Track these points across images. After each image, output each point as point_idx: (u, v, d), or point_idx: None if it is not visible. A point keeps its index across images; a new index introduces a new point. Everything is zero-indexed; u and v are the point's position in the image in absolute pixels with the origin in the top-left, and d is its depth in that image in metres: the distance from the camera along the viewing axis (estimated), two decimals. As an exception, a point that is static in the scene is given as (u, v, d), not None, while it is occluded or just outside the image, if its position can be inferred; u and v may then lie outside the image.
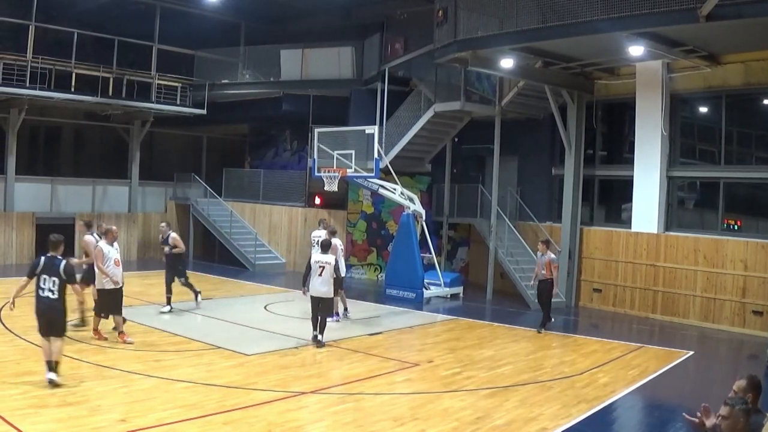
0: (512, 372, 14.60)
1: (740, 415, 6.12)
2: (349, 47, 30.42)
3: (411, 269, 24.09)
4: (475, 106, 25.65)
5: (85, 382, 12.10)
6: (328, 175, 24.71)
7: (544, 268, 19.31)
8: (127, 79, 29.94)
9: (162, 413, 10.64)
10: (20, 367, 12.89)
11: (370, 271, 29.56)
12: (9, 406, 10.53)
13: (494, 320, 21.26)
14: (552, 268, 19.28)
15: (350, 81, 30.21)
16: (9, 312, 13.45)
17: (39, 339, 12.06)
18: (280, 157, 35.02)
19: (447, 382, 13.63)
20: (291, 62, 31.46)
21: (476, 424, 10.96)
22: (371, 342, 17.17)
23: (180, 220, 34.41)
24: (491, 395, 12.67)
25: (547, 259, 19.26)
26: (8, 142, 29.00)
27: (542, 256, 19.37)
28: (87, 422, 10.02)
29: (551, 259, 19.36)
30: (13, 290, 12.61)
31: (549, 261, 19.25)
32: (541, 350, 17.09)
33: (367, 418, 11.15)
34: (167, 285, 19.46)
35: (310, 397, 12.11)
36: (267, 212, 32.87)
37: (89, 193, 32.29)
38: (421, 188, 28.79)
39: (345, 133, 25.83)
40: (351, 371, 14.17)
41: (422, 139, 27.48)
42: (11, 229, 28.88)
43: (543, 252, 19.36)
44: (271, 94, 32.23)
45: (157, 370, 13.23)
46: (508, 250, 25.15)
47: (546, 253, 19.30)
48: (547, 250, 19.38)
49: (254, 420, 10.66)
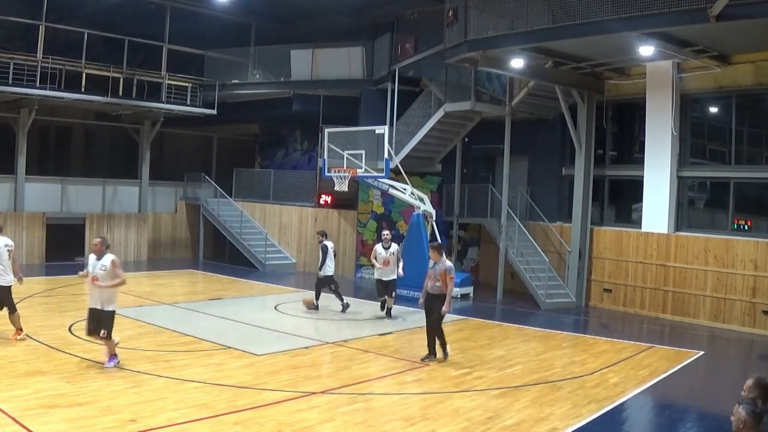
0: (522, 372, 14.59)
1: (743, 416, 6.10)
2: (359, 47, 30.43)
3: (421, 269, 24.02)
4: (485, 106, 25.63)
5: (95, 382, 12.14)
6: (338, 175, 24.73)
7: (438, 279, 15.12)
8: (137, 79, 30.01)
9: (172, 413, 10.67)
10: (30, 367, 12.93)
11: (380, 271, 29.47)
12: (19, 406, 10.56)
13: (504, 320, 21.25)
14: (447, 279, 15.00)
15: (360, 81, 30.22)
16: (20, 312, 13.48)
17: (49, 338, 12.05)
18: (291, 157, 35.03)
19: (457, 382, 13.63)
20: (301, 62, 31.48)
21: (486, 424, 10.95)
22: (381, 342, 17.20)
23: (190, 220, 34.50)
24: (501, 395, 12.67)
25: (442, 268, 15.05)
26: (18, 142, 29.08)
27: (435, 265, 15.23)
28: (97, 422, 10.04)
29: (447, 268, 15.04)
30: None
31: (444, 271, 15.01)
32: (551, 350, 17.04)
33: (377, 418, 11.16)
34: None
35: (321, 397, 12.12)
36: (277, 212, 32.93)
37: (99, 193, 32.35)
38: (432, 188, 28.76)
39: (355, 133, 25.86)
40: (361, 371, 14.19)
41: (432, 139, 27.48)
42: (21, 229, 28.94)
43: (436, 260, 15.29)
44: (281, 94, 32.27)
45: (168, 370, 13.26)
46: (519, 250, 25.11)
47: (440, 261, 15.19)
48: (440, 257, 15.30)
49: (264, 420, 10.68)
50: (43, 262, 28.97)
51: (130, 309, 19.53)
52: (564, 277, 24.66)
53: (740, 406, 6.15)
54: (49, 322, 17.37)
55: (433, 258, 15.48)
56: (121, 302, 20.07)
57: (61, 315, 18.31)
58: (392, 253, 20.23)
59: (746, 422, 6.06)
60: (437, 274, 15.20)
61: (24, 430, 9.66)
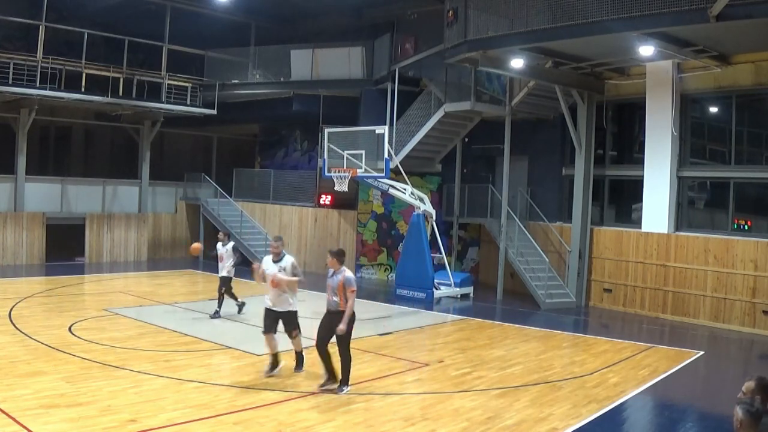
0: (523, 372, 14.60)
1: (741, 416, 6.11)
2: (359, 47, 30.42)
3: (421, 269, 24.11)
4: (485, 107, 25.64)
5: (95, 382, 12.15)
6: (338, 175, 24.72)
7: (335, 293, 12.60)
8: (137, 79, 30.03)
9: (172, 413, 10.69)
10: (31, 367, 12.95)
11: (381, 271, 29.57)
12: (20, 406, 10.58)
13: (504, 320, 21.25)
14: (347, 293, 12.46)
15: (360, 81, 30.22)
16: (20, 313, 13.48)
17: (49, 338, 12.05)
18: (291, 157, 35.04)
19: (457, 382, 13.64)
20: (301, 62, 31.50)
21: (487, 424, 10.97)
22: (381, 342, 17.19)
23: (190, 221, 34.50)
24: (502, 395, 12.68)
25: (340, 280, 12.54)
26: (18, 142, 29.09)
27: (334, 275, 12.71)
28: (97, 422, 10.07)
29: (346, 280, 12.51)
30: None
31: (342, 283, 12.50)
32: (551, 350, 17.04)
33: (377, 418, 11.17)
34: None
35: (321, 397, 12.14)
36: (277, 212, 32.94)
37: (99, 193, 32.34)
38: (432, 188, 28.79)
39: (355, 133, 25.83)
40: (361, 371, 14.14)
41: (432, 139, 27.48)
42: (21, 229, 28.96)
43: (334, 269, 12.76)
44: (281, 94, 32.26)
45: (168, 370, 13.27)
46: (519, 250, 25.13)
47: (339, 271, 12.68)
48: (339, 266, 12.75)
49: (265, 420, 10.70)
50: (44, 262, 28.99)
51: (130, 309, 19.55)
52: (564, 277, 24.66)
53: (738, 407, 6.16)
54: (50, 322, 17.37)
55: (331, 266, 12.82)
56: (122, 302, 20.26)
57: (61, 315, 18.31)
58: (283, 269, 13.35)
59: (743, 422, 6.06)
60: (335, 287, 12.58)
61: (24, 430, 9.67)
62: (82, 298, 22.69)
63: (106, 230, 31.43)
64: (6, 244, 28.61)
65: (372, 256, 29.68)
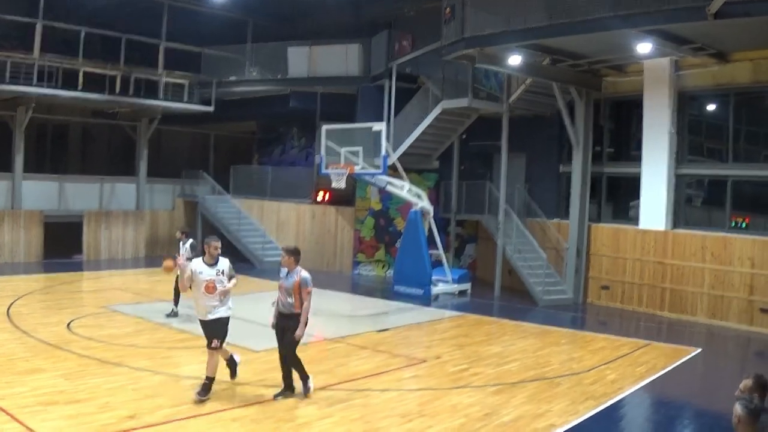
0: (520, 368, 14.62)
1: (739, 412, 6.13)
2: (356, 44, 30.43)
3: (419, 266, 24.12)
4: (482, 103, 25.67)
5: (93, 379, 12.16)
6: (335, 172, 24.74)
7: (290, 294, 11.84)
8: (134, 76, 30.00)
9: (170, 410, 10.72)
10: (29, 365, 12.97)
11: (378, 267, 29.56)
12: (18, 404, 10.61)
13: (502, 316, 21.25)
14: (303, 294, 11.81)
15: (358, 78, 30.24)
16: (19, 310, 13.47)
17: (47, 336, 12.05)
18: (288, 154, 35.03)
19: (455, 378, 13.66)
20: (298, 59, 31.53)
21: (484, 420, 10.99)
22: (379, 338, 17.25)
23: (188, 218, 34.48)
24: (499, 392, 12.70)
25: (295, 281, 11.82)
26: (15, 140, 29.08)
27: (288, 276, 11.95)
28: (96, 419, 10.11)
29: (302, 280, 11.83)
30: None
31: (298, 284, 11.79)
32: (548, 347, 17.06)
33: (374, 414, 11.20)
34: None
35: (318, 393, 12.14)
36: (275, 209, 32.91)
37: (97, 191, 32.33)
38: (429, 185, 28.75)
39: (352, 130, 25.80)
40: (358, 368, 14.23)
41: (430, 136, 27.45)
42: (19, 227, 28.95)
43: (289, 268, 12.00)
44: (278, 91, 32.27)
45: (166, 366, 13.30)
46: (516, 247, 25.13)
47: (293, 271, 11.95)
48: (295, 265, 12.03)
49: (262, 416, 10.75)
50: (41, 259, 28.98)
51: (127, 306, 19.57)
52: (562, 273, 24.65)
53: (737, 404, 6.18)
54: (48, 319, 17.38)
55: (286, 265, 12.04)
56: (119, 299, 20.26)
57: (59, 312, 18.32)
58: (221, 272, 11.95)
59: (742, 419, 6.09)
60: (289, 288, 11.83)
61: (22, 427, 9.69)
62: (80, 296, 22.70)
63: (103, 227, 31.43)
64: (3, 241, 28.60)
65: (369, 253, 29.68)
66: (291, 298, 11.77)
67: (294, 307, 11.75)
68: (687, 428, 11.94)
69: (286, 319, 11.86)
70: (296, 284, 11.73)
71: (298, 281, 11.74)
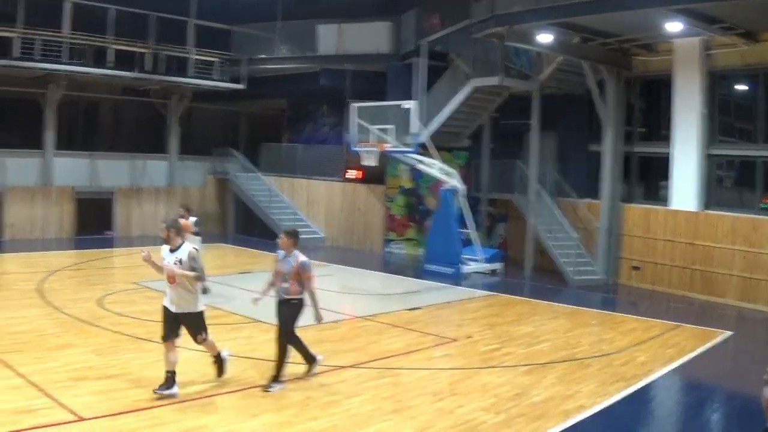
0: (550, 349, 14.60)
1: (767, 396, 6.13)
2: (386, 22, 30.36)
3: (450, 244, 24.15)
4: (513, 82, 25.54)
5: (124, 354, 12.31)
6: (366, 150, 24.76)
7: (286, 279, 11.21)
8: (164, 54, 30.09)
9: (201, 386, 10.90)
10: (60, 340, 13.15)
11: (409, 246, 29.55)
12: (49, 378, 10.79)
13: (533, 296, 21.26)
14: (304, 279, 11.19)
15: (387, 56, 30.20)
16: (50, 286, 13.52)
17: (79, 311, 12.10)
18: (318, 131, 35.05)
19: (485, 357, 13.68)
20: (328, 37, 31.52)
21: (514, 400, 11.00)
22: (410, 317, 17.26)
23: (219, 195, 34.63)
24: (529, 372, 12.70)
25: (294, 265, 11.18)
26: (47, 118, 29.27)
27: (286, 259, 11.31)
28: (126, 395, 10.26)
29: (301, 265, 11.19)
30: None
31: (297, 269, 11.16)
32: (579, 327, 17.04)
33: (405, 393, 11.23)
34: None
35: (349, 371, 12.24)
36: (305, 187, 33.00)
37: (128, 168, 32.53)
38: (460, 163, 28.63)
39: (383, 107, 25.79)
40: (390, 346, 14.27)
41: (461, 114, 27.33)
42: (51, 203, 29.19)
43: (287, 251, 11.37)
44: (308, 69, 32.28)
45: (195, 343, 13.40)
46: (547, 227, 25.07)
47: (291, 255, 11.32)
48: (293, 248, 11.38)
49: (292, 392, 10.84)
50: (73, 235, 29.22)
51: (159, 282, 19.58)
52: (593, 254, 24.56)
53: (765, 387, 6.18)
54: (79, 295, 17.55)
55: (284, 248, 11.40)
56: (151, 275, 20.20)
57: (91, 288, 18.51)
58: (179, 261, 10.80)
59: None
60: (286, 273, 11.21)
61: (53, 401, 9.86)
62: (111, 272, 22.90)
63: (135, 204, 31.64)
64: (36, 218, 28.87)
65: (400, 231, 29.68)
66: (287, 283, 11.19)
67: (290, 292, 11.17)
68: (717, 411, 11.91)
69: (282, 306, 11.31)
70: (295, 269, 11.13)
71: (297, 266, 11.14)
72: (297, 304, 11.21)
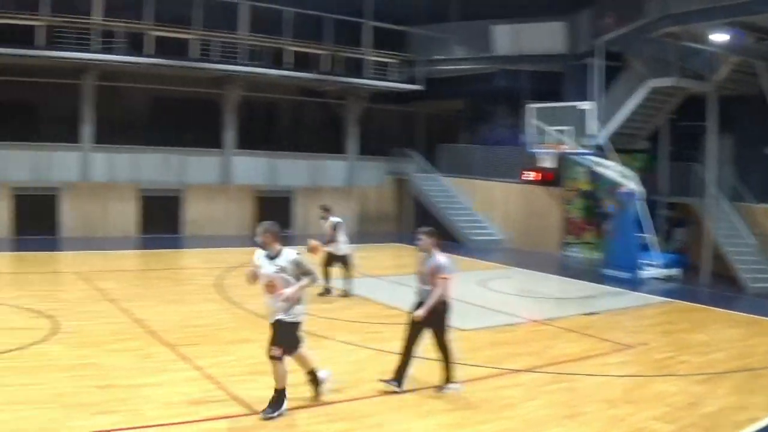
0: (726, 358, 14.36)
1: None
2: (561, 22, 30.31)
3: (628, 249, 23.95)
4: (688, 82, 25.08)
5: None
6: (542, 152, 24.82)
7: (426, 281, 11.04)
8: (341, 55, 30.81)
9: (377, 384, 11.15)
10: (235, 335, 13.95)
11: (586, 249, 29.42)
12: (224, 372, 11.51)
13: (710, 304, 20.71)
14: (437, 281, 10.89)
15: (563, 56, 30.18)
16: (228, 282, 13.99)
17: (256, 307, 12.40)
18: (495, 132, 35.14)
19: (660, 366, 13.59)
20: (503, 37, 31.70)
21: (687, 410, 10.93)
22: (586, 322, 17.28)
23: (396, 195, 35.22)
24: (704, 381, 12.55)
25: (432, 266, 11.02)
26: (225, 118, 30.46)
27: (427, 261, 11.14)
28: (300, 390, 10.54)
29: (437, 266, 10.98)
30: None
31: (433, 270, 10.98)
32: (756, 336, 16.65)
33: (579, 399, 11.31)
34: None
35: (523, 375, 12.44)
36: (482, 188, 33.31)
37: (307, 168, 33.59)
38: (638, 166, 28.16)
39: (559, 108, 25.82)
40: (566, 350, 14.38)
41: (636, 115, 27.01)
42: (230, 201, 30.42)
43: (428, 252, 11.21)
44: (482, 69, 32.52)
45: (373, 341, 13.87)
46: (725, 232, 24.50)
47: (433, 256, 11.14)
48: (434, 248, 11.23)
49: (467, 394, 11.10)
50: (251, 233, 30.26)
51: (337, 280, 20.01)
52: (771, 261, 23.85)
53: None
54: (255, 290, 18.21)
55: (424, 249, 11.24)
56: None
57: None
58: (282, 269, 10.09)
59: None
60: (426, 274, 11.05)
61: (226, 395, 10.55)
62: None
63: (313, 203, 32.52)
64: (215, 215, 30.14)
65: (578, 234, 29.61)
66: (427, 285, 10.94)
67: (437, 297, 10.84)
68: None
69: (434, 313, 10.90)
70: (432, 270, 10.89)
71: (433, 267, 10.89)
72: (439, 305, 10.90)
